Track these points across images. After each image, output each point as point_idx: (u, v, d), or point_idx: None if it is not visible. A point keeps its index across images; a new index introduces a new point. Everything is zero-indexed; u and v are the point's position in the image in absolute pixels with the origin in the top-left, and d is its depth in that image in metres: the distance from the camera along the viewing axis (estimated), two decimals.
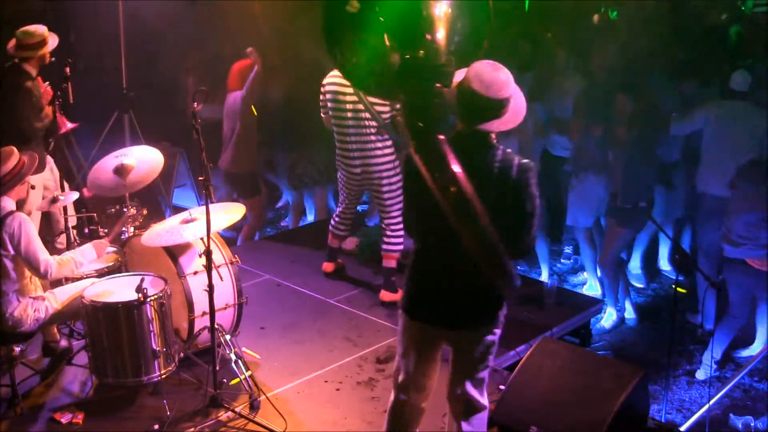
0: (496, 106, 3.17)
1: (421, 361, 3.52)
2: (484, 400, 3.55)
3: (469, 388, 3.48)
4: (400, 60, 3.21)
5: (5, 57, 5.73)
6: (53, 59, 5.81)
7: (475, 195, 3.02)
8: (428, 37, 3.18)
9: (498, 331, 3.46)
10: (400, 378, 3.58)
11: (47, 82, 5.76)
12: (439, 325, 3.42)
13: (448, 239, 3.17)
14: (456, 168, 3.01)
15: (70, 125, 5.90)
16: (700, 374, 5.65)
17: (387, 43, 3.27)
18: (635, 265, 7.01)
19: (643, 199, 5.99)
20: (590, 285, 6.72)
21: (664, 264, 7.18)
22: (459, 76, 3.25)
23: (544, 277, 6.89)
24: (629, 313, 6.44)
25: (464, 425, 3.51)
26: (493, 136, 3.26)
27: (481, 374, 3.51)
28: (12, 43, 5.74)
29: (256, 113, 7.02)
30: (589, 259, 6.71)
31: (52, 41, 5.81)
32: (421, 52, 3.18)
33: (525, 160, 3.23)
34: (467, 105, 3.19)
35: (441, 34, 3.18)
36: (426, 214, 3.29)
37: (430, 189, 3.07)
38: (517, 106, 3.25)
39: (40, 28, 5.74)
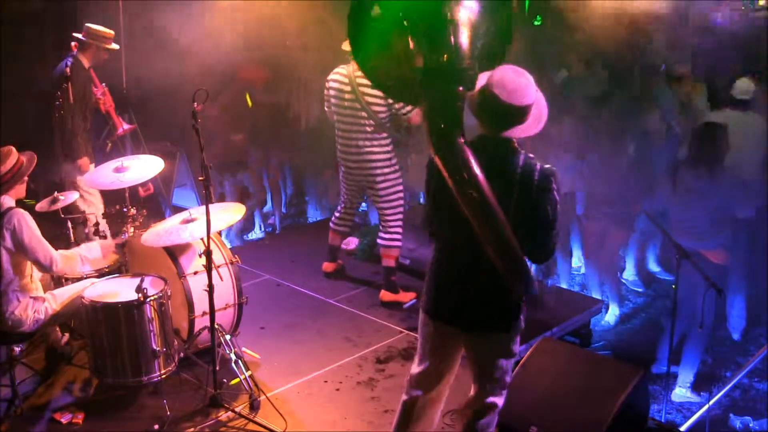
0: (519, 113, 3.17)
1: (437, 359, 3.53)
2: (500, 401, 3.54)
3: (487, 391, 3.48)
4: (423, 64, 3.18)
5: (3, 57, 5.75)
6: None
7: (496, 199, 3.02)
8: (451, 40, 3.14)
9: (517, 339, 3.45)
10: (416, 372, 3.58)
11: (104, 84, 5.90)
12: (455, 326, 3.43)
13: (468, 242, 3.17)
14: (477, 172, 3.00)
15: (126, 126, 5.96)
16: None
17: (411, 47, 3.23)
18: (630, 272, 6.96)
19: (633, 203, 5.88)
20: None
21: (653, 265, 7.14)
22: (482, 79, 3.22)
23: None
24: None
25: (478, 425, 3.52)
26: (515, 141, 3.25)
27: (500, 379, 3.49)
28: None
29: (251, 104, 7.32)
30: None
31: (116, 45, 5.98)
32: (445, 55, 3.15)
33: (547, 166, 3.23)
34: (490, 111, 3.18)
35: (464, 38, 3.15)
36: (448, 217, 3.29)
37: (452, 192, 3.07)
38: (539, 111, 3.24)
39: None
